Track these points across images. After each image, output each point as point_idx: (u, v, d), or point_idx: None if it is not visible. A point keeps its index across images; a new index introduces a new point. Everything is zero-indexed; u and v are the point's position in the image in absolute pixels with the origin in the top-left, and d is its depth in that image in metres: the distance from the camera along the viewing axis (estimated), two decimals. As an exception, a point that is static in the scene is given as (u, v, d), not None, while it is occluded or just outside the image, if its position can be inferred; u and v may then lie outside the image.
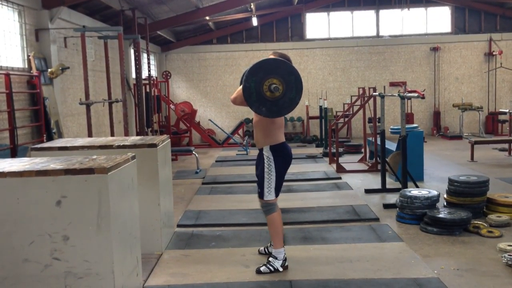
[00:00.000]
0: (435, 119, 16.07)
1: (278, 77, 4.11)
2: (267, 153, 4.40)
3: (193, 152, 10.44)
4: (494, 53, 15.68)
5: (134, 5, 10.85)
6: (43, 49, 7.86)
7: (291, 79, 4.15)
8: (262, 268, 4.37)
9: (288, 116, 16.02)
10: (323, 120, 13.12)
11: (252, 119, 4.67)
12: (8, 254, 3.18)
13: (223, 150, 13.67)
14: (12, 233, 3.17)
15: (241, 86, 4.31)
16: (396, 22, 16.13)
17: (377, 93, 8.62)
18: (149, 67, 12.10)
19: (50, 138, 7.38)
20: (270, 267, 4.37)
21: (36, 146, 4.82)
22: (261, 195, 4.45)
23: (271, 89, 4.09)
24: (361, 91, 12.47)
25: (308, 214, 6.32)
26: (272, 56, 4.45)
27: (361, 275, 4.26)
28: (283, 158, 4.44)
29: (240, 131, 15.48)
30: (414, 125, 9.63)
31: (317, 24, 16.28)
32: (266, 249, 4.76)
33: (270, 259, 4.43)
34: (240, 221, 6.06)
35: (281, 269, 4.37)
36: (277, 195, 4.46)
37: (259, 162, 4.50)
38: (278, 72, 4.13)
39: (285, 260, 4.43)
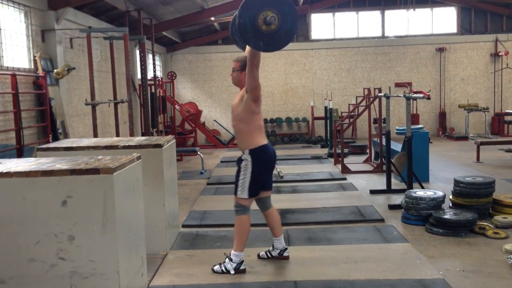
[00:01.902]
0: (440, 120, 16.02)
1: (272, 9, 3.93)
2: (246, 156, 4.38)
3: (198, 153, 10.45)
4: (500, 54, 15.61)
5: (140, 6, 10.88)
6: (49, 49, 7.89)
7: (285, 9, 3.97)
8: (216, 267, 4.41)
9: (293, 117, 16.03)
10: (328, 120, 13.11)
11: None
12: (14, 253, 3.19)
13: (228, 151, 13.67)
14: (18, 233, 3.18)
15: (248, 49, 4.20)
16: (401, 22, 16.09)
17: (382, 94, 8.60)
18: (154, 67, 12.13)
19: (56, 138, 7.40)
20: (223, 268, 4.38)
21: (42, 146, 4.83)
22: (235, 191, 4.48)
23: (266, 21, 3.91)
24: (366, 92, 12.45)
25: (313, 215, 6.31)
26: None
27: (366, 276, 4.25)
28: (263, 161, 4.40)
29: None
30: (420, 126, 9.58)
31: (322, 25, 16.27)
32: (267, 253, 4.72)
33: (226, 259, 4.42)
34: (245, 221, 6.05)
35: (233, 272, 4.34)
36: (251, 195, 4.43)
37: (238, 163, 4.51)
38: (270, 3, 3.95)
39: (241, 263, 4.39)
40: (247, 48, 4.25)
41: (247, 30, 3.94)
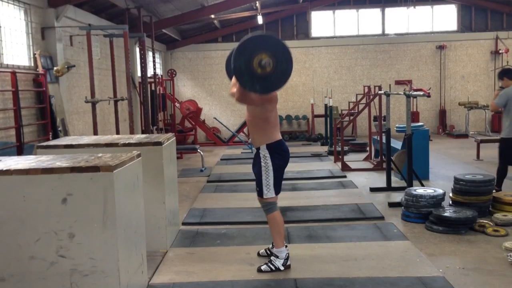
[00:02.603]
0: (441, 118, 16.01)
1: (266, 52, 3.98)
2: (263, 151, 4.37)
3: (198, 150, 10.45)
4: (500, 52, 15.60)
5: (140, 3, 10.87)
6: (49, 47, 7.89)
7: (280, 51, 4.03)
8: (263, 267, 4.36)
9: (293, 114, 16.02)
10: (328, 118, 13.10)
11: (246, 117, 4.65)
12: (14, 251, 3.20)
13: (228, 148, 13.68)
14: (18, 231, 3.19)
15: (234, 80, 4.24)
16: (401, 20, 16.07)
17: (382, 92, 8.60)
18: (154, 65, 12.11)
19: (56, 136, 7.40)
20: (272, 266, 4.36)
21: (42, 144, 4.84)
22: (260, 193, 4.42)
23: (261, 65, 3.97)
24: (366, 90, 12.44)
25: (313, 213, 6.31)
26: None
27: (366, 273, 4.25)
28: (280, 155, 4.41)
29: (245, 129, 15.47)
30: (420, 123, 9.58)
31: (322, 22, 16.25)
32: (267, 251, 4.72)
33: (272, 258, 4.42)
34: (245, 219, 6.07)
35: (282, 268, 4.35)
36: (277, 193, 4.44)
37: (256, 161, 4.49)
38: (265, 47, 4.00)
39: (287, 259, 4.41)
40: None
41: (242, 73, 4.00)
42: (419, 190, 5.92)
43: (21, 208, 3.17)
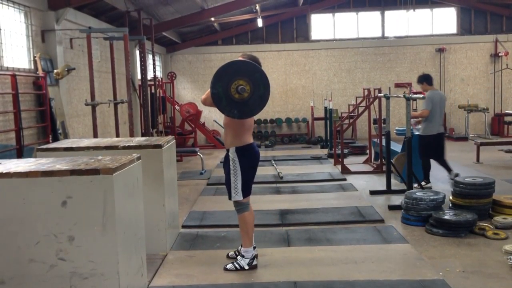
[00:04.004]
0: (440, 121, 15.99)
1: (243, 78, 4.11)
2: (232, 154, 4.43)
3: (198, 153, 10.45)
4: (500, 54, 15.61)
5: (140, 6, 10.88)
6: (49, 50, 7.89)
7: (256, 76, 4.14)
8: (229, 266, 4.47)
9: (293, 117, 16.03)
10: (328, 121, 13.11)
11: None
12: (14, 254, 3.19)
13: (228, 151, 13.65)
14: (18, 233, 3.18)
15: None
16: (401, 23, 16.09)
17: (382, 94, 8.60)
18: (154, 68, 12.13)
19: (56, 138, 7.40)
20: (236, 265, 4.45)
21: (42, 146, 4.84)
22: (229, 196, 4.52)
23: (238, 90, 4.09)
24: (366, 92, 12.45)
25: (312, 215, 6.31)
26: (240, 58, 4.44)
27: (366, 276, 4.25)
28: (248, 159, 4.47)
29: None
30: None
31: (322, 25, 16.27)
32: (237, 252, 4.77)
33: (238, 257, 4.50)
34: (245, 222, 6.05)
35: (247, 267, 4.43)
36: (245, 195, 4.50)
37: (225, 163, 4.55)
38: (242, 73, 4.12)
39: (253, 259, 4.49)
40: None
41: (221, 99, 4.13)
42: (419, 193, 5.92)
43: (21, 211, 3.17)
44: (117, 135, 8.85)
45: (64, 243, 3.17)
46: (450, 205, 6.09)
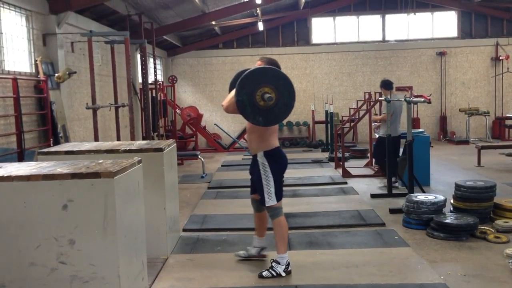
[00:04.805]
0: (441, 124, 16.01)
1: (268, 85, 4.09)
2: (261, 159, 4.41)
3: (199, 157, 10.45)
4: (500, 58, 15.62)
5: (141, 10, 10.90)
6: (50, 53, 7.91)
7: (281, 83, 4.13)
8: (265, 273, 4.36)
9: (294, 121, 16.03)
10: (329, 124, 13.10)
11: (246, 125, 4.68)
12: (14, 257, 3.19)
13: (229, 155, 13.67)
14: (18, 237, 3.18)
15: (232, 93, 4.31)
16: (402, 26, 16.11)
17: (383, 98, 8.60)
18: (155, 71, 12.14)
19: (57, 142, 7.41)
20: (273, 272, 4.36)
21: (43, 150, 4.84)
22: (262, 201, 4.45)
23: (264, 98, 4.07)
24: (367, 96, 12.46)
25: (313, 219, 6.30)
26: (259, 63, 4.43)
27: (367, 280, 4.24)
28: (278, 162, 4.45)
29: (246, 136, 15.47)
30: (421, 129, 9.59)
31: (323, 29, 16.29)
32: (245, 252, 4.77)
33: (273, 264, 4.42)
34: (246, 225, 6.04)
35: (284, 274, 4.35)
36: (279, 199, 4.45)
37: (254, 169, 4.51)
38: (266, 80, 4.11)
39: (288, 265, 4.41)
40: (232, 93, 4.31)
41: (245, 106, 4.11)
42: (420, 197, 5.92)
43: (21, 214, 3.17)
44: (118, 139, 8.85)
45: (64, 246, 3.17)
46: (451, 208, 6.08)
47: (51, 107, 7.49)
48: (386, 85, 8.53)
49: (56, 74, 7.73)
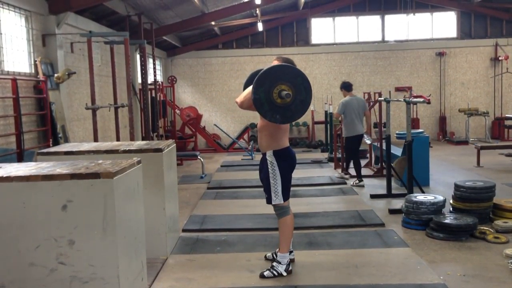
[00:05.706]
0: (441, 124, 16.02)
1: (285, 83, 4.11)
2: (270, 158, 4.41)
3: (199, 157, 10.45)
4: (500, 58, 15.63)
5: (140, 10, 10.90)
6: (49, 54, 7.91)
7: (298, 81, 4.15)
8: (266, 273, 4.37)
9: (293, 121, 16.00)
10: (328, 125, 13.10)
11: (257, 123, 4.69)
12: (14, 258, 3.19)
13: (228, 155, 13.67)
14: (18, 237, 3.18)
15: (247, 89, 4.33)
16: (401, 27, 16.12)
17: (382, 98, 8.61)
18: (154, 72, 12.15)
19: (56, 142, 7.41)
20: (274, 272, 4.36)
21: (42, 150, 4.84)
22: (268, 200, 4.46)
23: (281, 95, 4.09)
24: (366, 96, 12.46)
25: (313, 219, 6.30)
26: (276, 62, 4.44)
27: (367, 280, 4.24)
28: (286, 162, 4.45)
29: (246, 136, 15.49)
30: (420, 130, 9.59)
31: (322, 29, 16.30)
32: (274, 255, 4.73)
33: (274, 263, 4.42)
34: (245, 226, 6.06)
35: (285, 274, 4.36)
36: (285, 198, 4.46)
37: (263, 167, 4.52)
38: (284, 78, 4.12)
39: (289, 264, 4.42)
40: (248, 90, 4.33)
41: (262, 104, 4.11)
42: (420, 197, 5.92)
43: (21, 215, 3.17)
44: (118, 139, 8.86)
45: (64, 247, 3.17)
46: (451, 209, 6.08)
47: (50, 108, 7.49)
48: (346, 87, 8.98)
49: (56, 75, 7.73)
